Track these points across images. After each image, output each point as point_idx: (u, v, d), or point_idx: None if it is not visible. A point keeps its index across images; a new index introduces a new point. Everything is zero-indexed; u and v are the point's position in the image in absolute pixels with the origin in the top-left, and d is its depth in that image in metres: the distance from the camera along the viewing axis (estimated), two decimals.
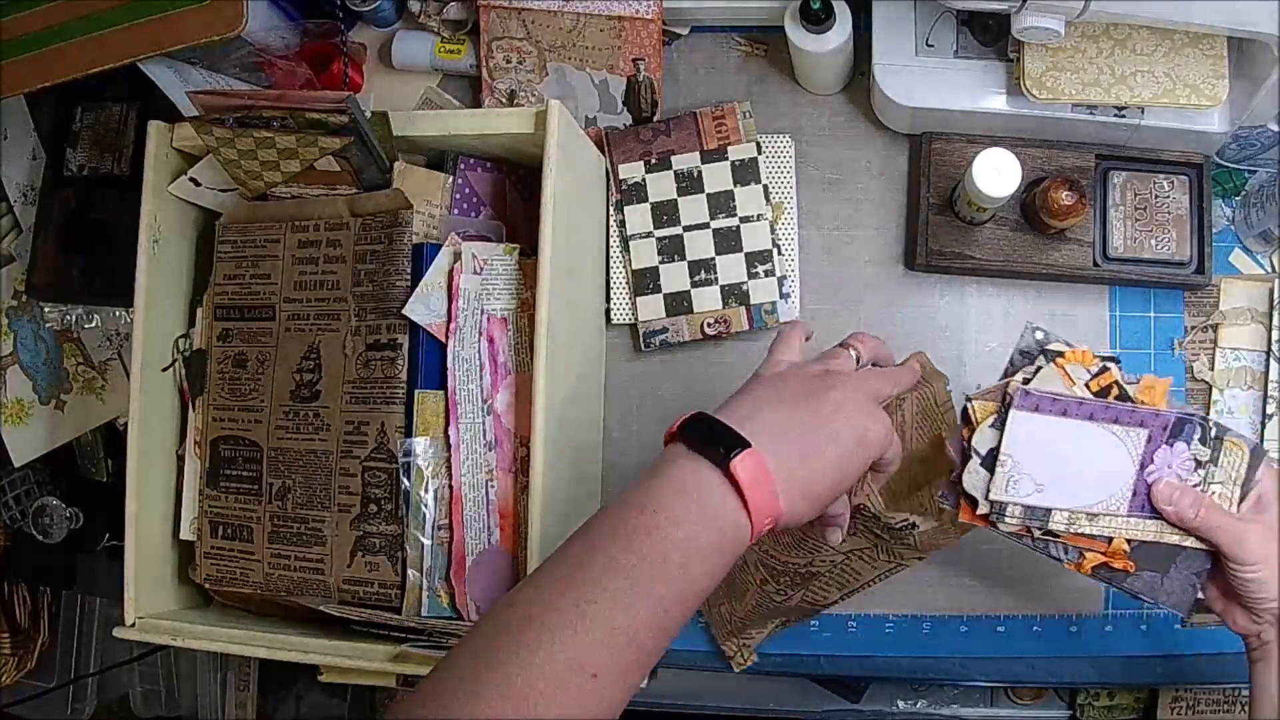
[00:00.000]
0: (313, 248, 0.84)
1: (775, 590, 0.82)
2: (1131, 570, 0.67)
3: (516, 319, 0.82)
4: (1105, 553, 0.67)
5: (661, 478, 0.56)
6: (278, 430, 0.84)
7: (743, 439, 0.55)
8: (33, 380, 1.03)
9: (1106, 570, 0.67)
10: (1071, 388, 0.67)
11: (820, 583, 0.80)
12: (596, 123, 0.94)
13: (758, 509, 0.54)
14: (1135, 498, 0.66)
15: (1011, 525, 0.67)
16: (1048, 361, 0.67)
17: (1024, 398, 0.66)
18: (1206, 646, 0.86)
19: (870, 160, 0.92)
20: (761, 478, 0.54)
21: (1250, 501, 0.66)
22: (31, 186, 1.03)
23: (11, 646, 1.16)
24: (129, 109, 0.98)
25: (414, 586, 0.79)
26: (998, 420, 0.67)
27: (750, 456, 0.54)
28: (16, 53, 0.83)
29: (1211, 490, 0.67)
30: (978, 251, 0.86)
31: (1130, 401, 0.67)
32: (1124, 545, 0.67)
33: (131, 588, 0.83)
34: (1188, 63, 0.77)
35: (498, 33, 0.92)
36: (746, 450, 0.54)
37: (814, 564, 0.77)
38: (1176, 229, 0.84)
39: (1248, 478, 0.67)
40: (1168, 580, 0.67)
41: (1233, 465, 0.67)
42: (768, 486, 0.55)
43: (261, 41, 0.90)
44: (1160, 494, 0.66)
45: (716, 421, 0.57)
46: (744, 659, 0.89)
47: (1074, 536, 0.67)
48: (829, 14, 0.81)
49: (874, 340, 0.68)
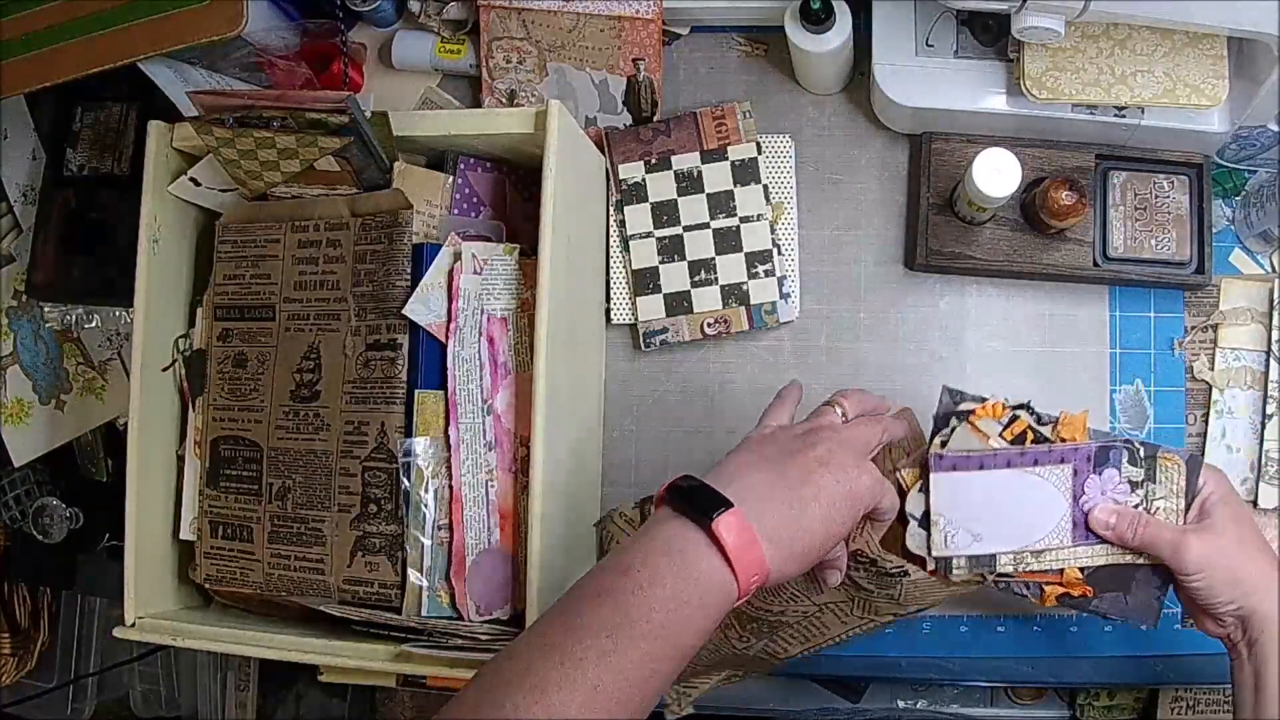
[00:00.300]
0: (313, 248, 0.84)
1: (738, 637, 0.80)
2: (1091, 595, 0.70)
3: (516, 319, 0.82)
4: (1061, 583, 0.70)
5: (648, 539, 0.57)
6: (278, 430, 0.84)
7: (725, 499, 0.57)
8: (33, 380, 1.03)
9: (1069, 599, 0.71)
10: (987, 441, 0.71)
11: (786, 634, 0.79)
12: (596, 123, 0.94)
13: (743, 568, 0.56)
14: (1077, 528, 0.69)
15: (961, 575, 0.70)
16: (960, 422, 0.71)
17: (938, 461, 0.70)
18: (1206, 647, 0.85)
19: (870, 160, 0.92)
20: (746, 537, 0.56)
21: (1194, 511, 0.69)
22: (31, 186, 1.03)
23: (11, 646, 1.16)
24: (129, 109, 0.98)
25: (414, 586, 0.79)
26: (923, 484, 0.71)
27: (733, 516, 0.56)
28: (16, 53, 0.83)
29: (1156, 507, 0.69)
30: (978, 251, 0.86)
31: (1047, 442, 0.70)
32: (1076, 574, 0.70)
33: (131, 588, 0.83)
34: (1188, 63, 0.77)
35: (498, 33, 0.92)
36: (730, 510, 0.56)
37: (786, 613, 0.77)
38: (1176, 229, 0.84)
39: (1189, 489, 0.70)
40: (1131, 597, 0.70)
41: (1171, 480, 0.70)
42: (753, 545, 0.56)
43: (261, 41, 0.90)
44: (1097, 521, 0.69)
45: (701, 483, 0.59)
46: (680, 708, 0.87)
47: (1026, 574, 0.70)
48: (829, 14, 0.81)
49: (860, 395, 0.70)
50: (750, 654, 0.80)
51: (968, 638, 0.88)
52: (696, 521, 0.56)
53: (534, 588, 0.74)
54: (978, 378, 0.89)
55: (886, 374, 0.90)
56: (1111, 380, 0.88)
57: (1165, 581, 0.69)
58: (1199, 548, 0.65)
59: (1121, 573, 0.70)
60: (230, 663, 1.18)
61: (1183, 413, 0.87)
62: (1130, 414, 0.88)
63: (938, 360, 0.90)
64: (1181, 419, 0.87)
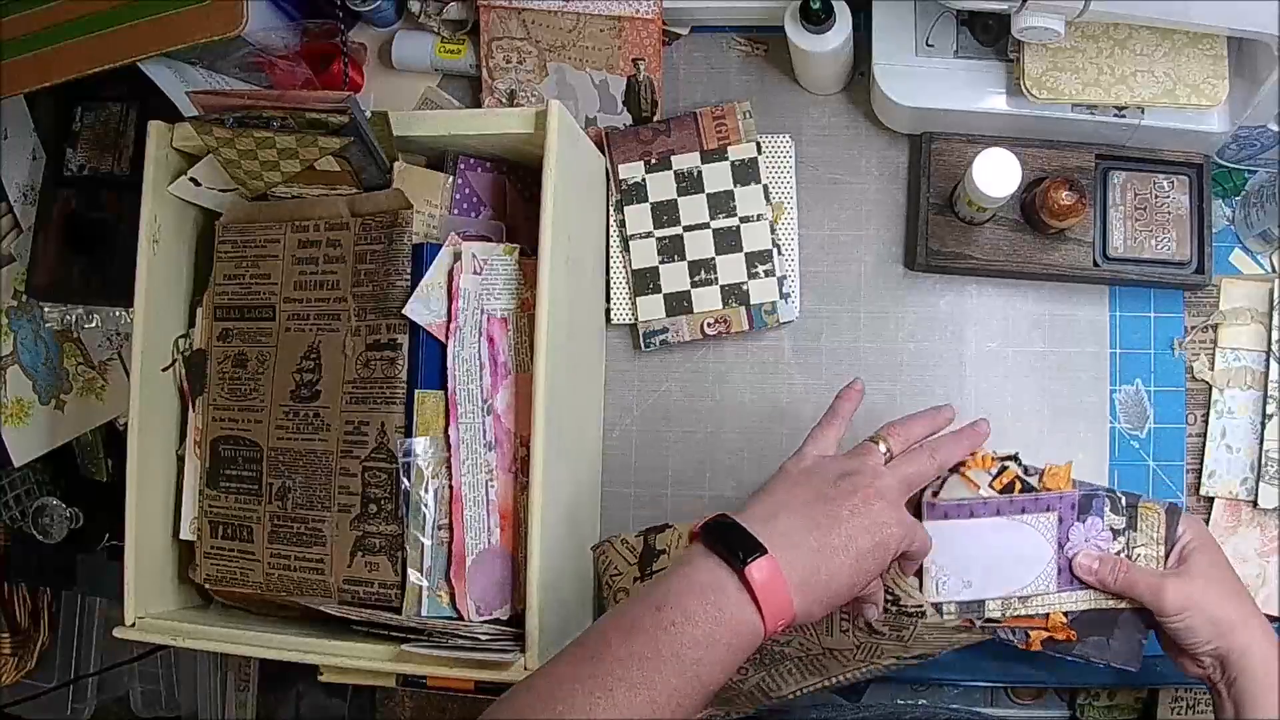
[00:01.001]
0: (313, 248, 0.84)
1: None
2: (1075, 639, 0.73)
3: (516, 319, 0.82)
4: (1047, 628, 0.73)
5: (681, 578, 0.59)
6: (278, 430, 0.84)
7: (759, 544, 0.58)
8: (33, 380, 1.03)
9: (1053, 643, 0.73)
10: (977, 491, 0.74)
11: (785, 668, 0.79)
12: (596, 123, 0.94)
13: (771, 611, 0.57)
14: (1062, 574, 0.73)
15: (952, 619, 0.73)
16: (952, 472, 0.73)
17: (930, 509, 0.73)
18: None
19: (870, 160, 0.92)
20: (776, 583, 0.57)
21: (1174, 557, 0.72)
22: (31, 186, 1.03)
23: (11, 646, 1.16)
24: (129, 109, 0.98)
25: (414, 586, 0.79)
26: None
27: (767, 562, 0.57)
28: (16, 53, 0.83)
29: (1137, 554, 0.73)
30: (978, 251, 0.86)
31: (1034, 491, 0.74)
32: (1061, 619, 0.73)
33: (131, 588, 0.83)
34: (1188, 63, 0.77)
35: (498, 33, 0.92)
36: (763, 556, 0.58)
37: (791, 645, 0.77)
38: (1176, 229, 0.84)
39: (1169, 536, 0.73)
40: (1114, 640, 0.73)
41: (1151, 528, 0.73)
42: (781, 590, 0.57)
43: (261, 41, 0.90)
44: (1081, 566, 0.72)
45: (736, 525, 0.60)
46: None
47: (1013, 620, 0.73)
48: (829, 14, 0.81)
49: (910, 425, 0.71)
50: (744, 688, 0.80)
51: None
52: (730, 564, 0.58)
53: (534, 588, 0.74)
54: (978, 378, 0.89)
55: (886, 374, 0.90)
56: (1111, 380, 0.88)
57: (1147, 625, 0.72)
58: (1177, 591, 0.68)
59: (1104, 617, 0.73)
60: (230, 663, 1.18)
61: (1183, 413, 0.87)
62: (1130, 414, 0.88)
63: (938, 360, 0.90)
64: (1181, 419, 0.87)
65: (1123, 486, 0.86)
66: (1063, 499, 0.73)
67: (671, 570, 0.60)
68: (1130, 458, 0.87)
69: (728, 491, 0.90)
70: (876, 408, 0.89)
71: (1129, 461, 0.87)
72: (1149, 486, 0.87)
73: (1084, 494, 0.74)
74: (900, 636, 0.75)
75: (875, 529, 0.61)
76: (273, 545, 0.84)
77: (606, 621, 0.59)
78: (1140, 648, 0.73)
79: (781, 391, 0.91)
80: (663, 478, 0.92)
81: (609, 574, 0.81)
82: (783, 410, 0.91)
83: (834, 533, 0.60)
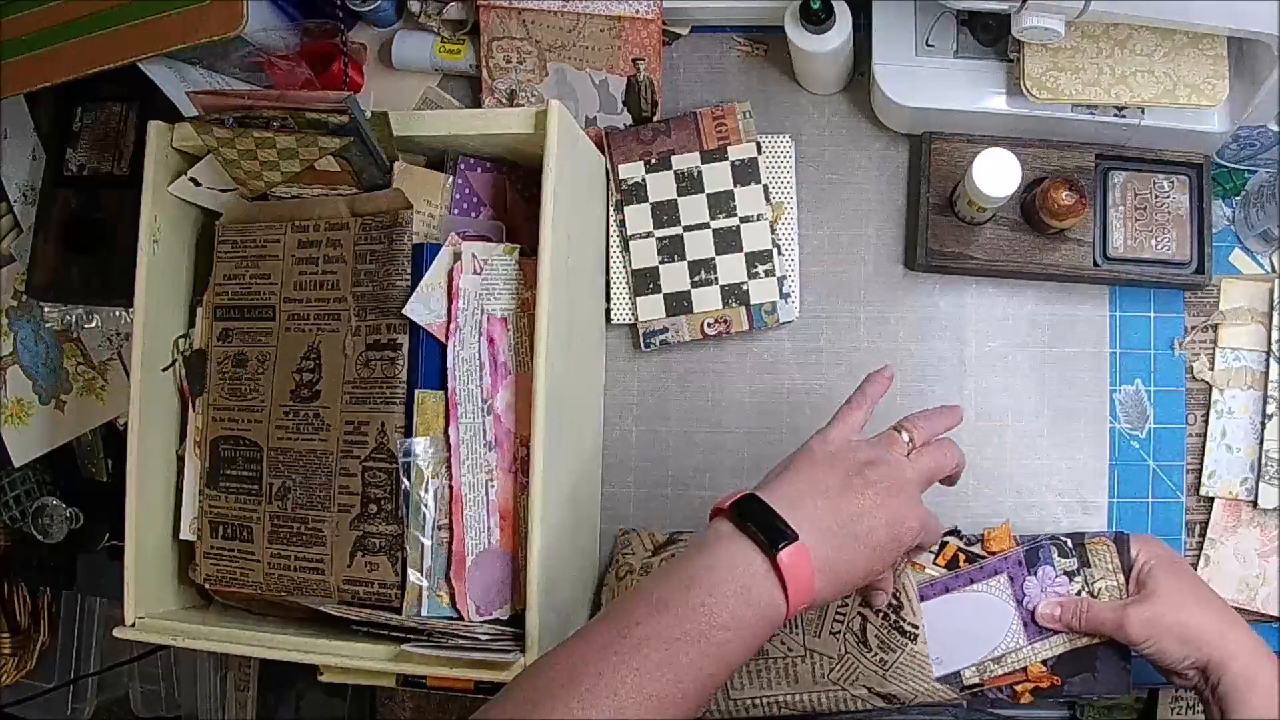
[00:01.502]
0: (313, 248, 0.84)
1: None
2: (1060, 683, 0.75)
3: (516, 319, 0.82)
4: (1029, 678, 0.75)
5: (710, 555, 0.59)
6: (278, 430, 0.84)
7: (791, 530, 0.59)
8: (33, 380, 1.03)
9: (1041, 691, 0.75)
10: (923, 571, 0.77)
11: (758, 666, 0.78)
12: (596, 123, 0.94)
13: (796, 595, 0.58)
14: (1028, 628, 0.75)
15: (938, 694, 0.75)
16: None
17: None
18: None
19: (870, 160, 0.92)
20: (803, 568, 0.58)
21: (1133, 582, 0.74)
22: (31, 186, 1.03)
23: (11, 646, 1.16)
24: (129, 109, 0.98)
25: (414, 586, 0.79)
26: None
27: (798, 550, 0.58)
28: (16, 53, 0.83)
29: (1098, 589, 0.75)
30: (978, 251, 0.86)
31: (979, 559, 0.76)
32: (1040, 668, 0.75)
33: (131, 588, 0.83)
34: (1188, 63, 0.77)
35: (498, 33, 0.92)
36: (795, 543, 0.58)
37: (774, 641, 0.77)
38: (1176, 229, 0.84)
39: (1124, 563, 0.75)
40: (1099, 675, 0.75)
41: (1104, 561, 0.75)
42: (808, 575, 0.58)
43: (261, 41, 0.90)
44: (1044, 616, 0.74)
45: (767, 507, 0.60)
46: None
47: (992, 680, 0.75)
48: (829, 14, 0.81)
49: (932, 418, 0.71)
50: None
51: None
52: (762, 548, 0.58)
53: (534, 588, 0.74)
54: (978, 378, 0.89)
55: None
56: (1111, 380, 0.88)
57: (1127, 652, 0.74)
58: (1139, 619, 0.70)
59: (1083, 654, 0.75)
60: (230, 663, 1.18)
61: (1183, 413, 0.87)
62: (1130, 414, 0.88)
63: (938, 360, 0.90)
64: (1182, 419, 0.87)
65: (1123, 486, 0.87)
66: (1008, 559, 0.76)
67: (697, 548, 0.60)
68: (1130, 458, 0.87)
69: (727, 491, 0.90)
70: (877, 407, 0.89)
71: (1129, 461, 0.87)
72: (1149, 486, 0.87)
73: (1028, 549, 0.76)
74: (884, 661, 0.75)
75: (895, 523, 0.62)
76: (273, 545, 0.84)
77: (632, 599, 0.58)
78: (1127, 674, 0.74)
79: (781, 391, 0.91)
80: (663, 478, 0.92)
81: (622, 553, 0.82)
82: (783, 410, 0.91)
83: (858, 523, 0.61)
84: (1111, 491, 0.87)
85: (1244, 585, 0.84)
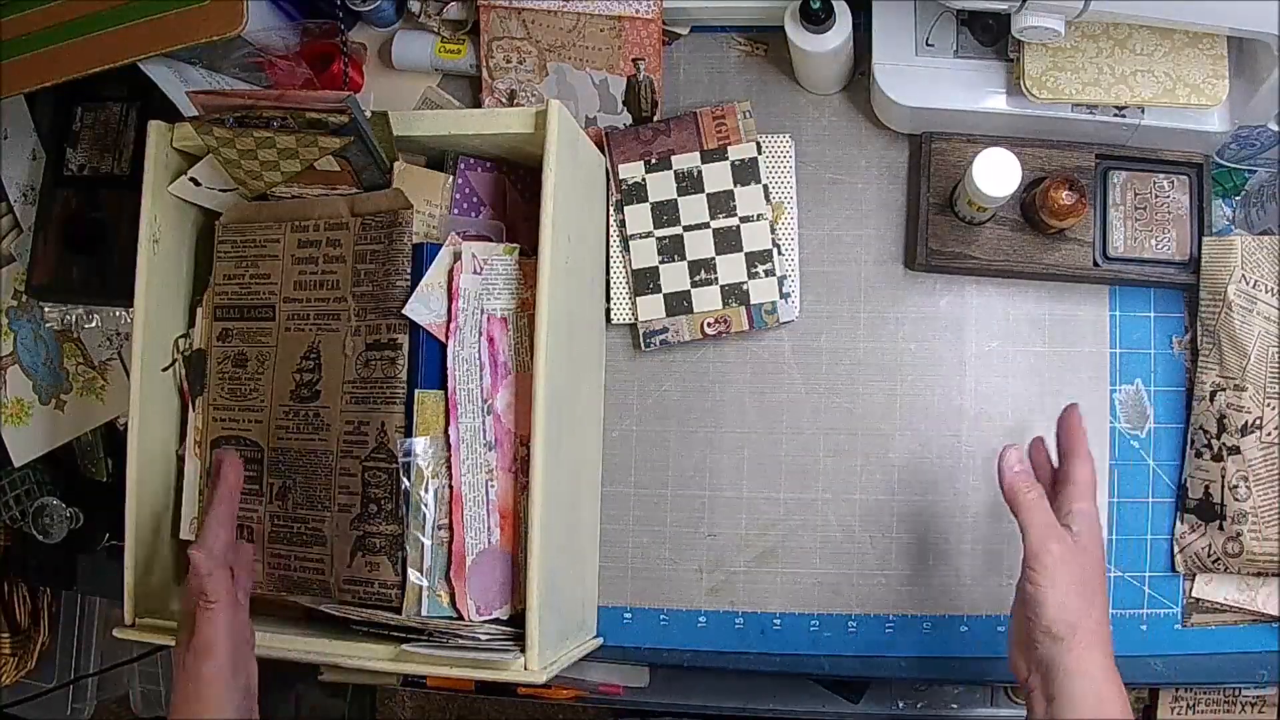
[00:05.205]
0: (313, 248, 0.84)
1: None
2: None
3: (516, 319, 0.82)
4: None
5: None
6: (278, 430, 0.84)
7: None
8: (33, 380, 1.03)
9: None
10: None
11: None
12: (596, 123, 0.94)
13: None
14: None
15: None
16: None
17: None
18: (1206, 646, 0.86)
19: (870, 160, 0.92)
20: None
21: (1063, 487, 0.71)
22: (31, 186, 1.03)
23: (11, 646, 1.16)
24: (129, 109, 0.98)
25: (414, 586, 0.79)
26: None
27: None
28: (16, 53, 0.83)
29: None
30: (978, 251, 0.86)
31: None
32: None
33: (131, 588, 0.83)
34: (1188, 63, 0.77)
35: (498, 33, 0.92)
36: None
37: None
38: (1176, 229, 0.84)
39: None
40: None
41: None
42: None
43: (261, 41, 0.90)
44: (1009, 458, 0.70)
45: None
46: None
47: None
48: (829, 14, 0.81)
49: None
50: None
51: (967, 637, 0.88)
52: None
53: (534, 588, 0.74)
54: (978, 378, 0.89)
55: (886, 374, 0.90)
56: (1111, 380, 0.88)
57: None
58: (1061, 546, 0.67)
59: None
60: None
61: (1183, 413, 0.87)
62: (1130, 414, 0.88)
63: (938, 360, 0.90)
64: (1182, 419, 0.87)
65: (1123, 486, 0.87)
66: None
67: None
68: (1130, 458, 0.87)
69: (727, 491, 0.90)
70: (876, 408, 0.90)
71: (1129, 461, 0.87)
72: (1149, 486, 0.87)
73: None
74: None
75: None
76: (273, 545, 0.84)
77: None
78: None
79: (782, 391, 0.91)
80: (663, 478, 0.92)
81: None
82: (783, 410, 0.91)
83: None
84: (1111, 491, 0.87)
85: (1244, 585, 0.84)
